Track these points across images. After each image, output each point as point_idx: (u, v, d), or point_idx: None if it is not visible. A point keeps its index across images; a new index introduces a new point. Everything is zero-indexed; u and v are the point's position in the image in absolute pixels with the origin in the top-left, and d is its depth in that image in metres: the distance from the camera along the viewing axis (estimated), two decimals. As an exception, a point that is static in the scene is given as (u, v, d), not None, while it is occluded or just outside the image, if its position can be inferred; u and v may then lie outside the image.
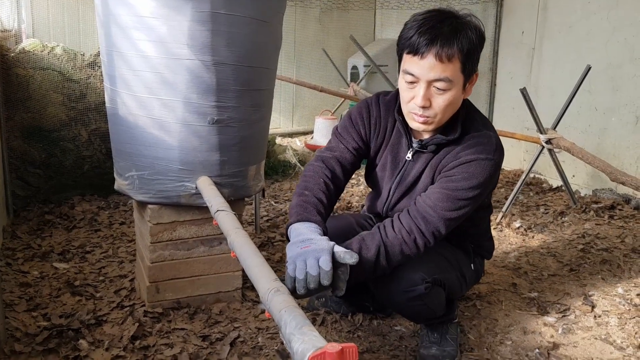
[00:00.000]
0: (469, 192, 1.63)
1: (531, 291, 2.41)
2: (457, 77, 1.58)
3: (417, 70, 1.56)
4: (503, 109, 4.96)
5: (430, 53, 1.53)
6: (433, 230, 1.62)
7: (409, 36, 1.57)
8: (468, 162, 1.64)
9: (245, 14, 1.91)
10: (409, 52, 1.57)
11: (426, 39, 1.53)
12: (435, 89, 1.58)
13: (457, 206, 1.63)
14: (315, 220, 1.57)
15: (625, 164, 3.75)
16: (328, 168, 1.76)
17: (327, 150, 1.83)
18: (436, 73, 1.55)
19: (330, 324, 2.08)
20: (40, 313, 2.08)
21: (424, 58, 1.54)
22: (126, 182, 2.08)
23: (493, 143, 1.68)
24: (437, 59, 1.53)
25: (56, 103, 3.38)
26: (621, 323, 2.15)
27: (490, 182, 1.70)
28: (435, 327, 1.90)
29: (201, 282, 2.18)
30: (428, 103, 1.59)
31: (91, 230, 3.00)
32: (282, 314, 1.10)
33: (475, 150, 1.65)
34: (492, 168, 1.66)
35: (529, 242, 3.05)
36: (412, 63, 1.57)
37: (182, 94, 1.91)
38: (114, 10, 1.90)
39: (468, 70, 1.60)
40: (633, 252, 2.87)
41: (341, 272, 1.41)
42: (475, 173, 1.63)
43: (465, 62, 1.57)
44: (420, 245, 1.62)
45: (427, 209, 1.63)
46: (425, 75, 1.56)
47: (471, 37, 1.57)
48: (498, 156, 1.68)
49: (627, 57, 3.74)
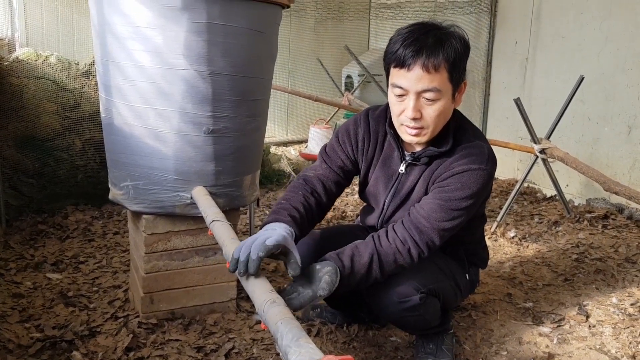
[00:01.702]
0: (462, 202, 1.64)
1: (526, 301, 2.42)
2: (446, 86, 1.59)
3: (405, 83, 1.58)
4: (497, 119, 4.98)
5: (417, 64, 1.55)
6: (427, 241, 1.62)
7: (394, 50, 1.59)
8: (461, 173, 1.65)
9: (241, 24, 1.91)
10: (396, 66, 1.59)
11: (412, 51, 1.55)
12: (425, 99, 1.59)
13: (450, 216, 1.64)
14: (284, 220, 1.57)
15: (619, 173, 3.77)
16: (308, 185, 1.77)
17: (310, 170, 1.85)
18: (424, 84, 1.56)
19: (325, 334, 2.07)
20: (33, 324, 2.06)
21: (410, 70, 1.56)
22: (121, 192, 2.07)
23: (485, 153, 1.69)
24: (424, 70, 1.55)
25: (50, 112, 3.36)
26: (615, 333, 2.15)
27: (483, 192, 1.71)
28: (430, 337, 1.90)
29: (196, 293, 2.16)
30: (419, 114, 1.60)
31: (85, 240, 2.98)
32: (278, 325, 1.10)
33: (468, 161, 1.66)
34: (484, 178, 1.66)
35: (524, 251, 3.06)
36: (400, 76, 1.59)
37: (177, 104, 1.91)
38: (110, 20, 1.90)
39: (456, 79, 1.61)
40: (627, 262, 2.88)
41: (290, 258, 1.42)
42: (468, 183, 1.64)
43: (452, 71, 1.59)
44: (414, 255, 1.62)
45: (420, 220, 1.63)
46: (413, 87, 1.57)
47: (456, 46, 1.58)
48: (490, 166, 1.69)
49: (620, 67, 3.77)
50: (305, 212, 1.68)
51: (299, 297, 1.41)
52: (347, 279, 1.52)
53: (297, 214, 1.64)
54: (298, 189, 1.75)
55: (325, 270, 1.46)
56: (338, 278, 1.48)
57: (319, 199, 1.77)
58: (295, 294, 1.42)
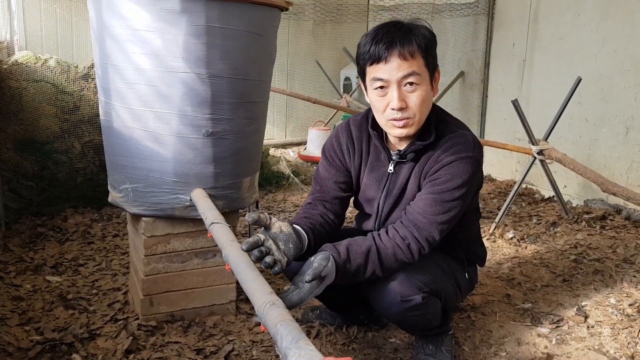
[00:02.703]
0: (456, 192, 1.66)
1: (525, 302, 2.42)
2: (423, 71, 1.63)
3: (385, 74, 1.61)
4: (495, 120, 4.99)
5: (393, 55, 1.59)
6: (427, 237, 1.64)
7: (366, 50, 1.63)
8: (450, 164, 1.67)
9: (240, 27, 1.92)
10: (372, 63, 1.63)
11: (385, 44, 1.60)
12: (407, 86, 1.62)
13: (446, 209, 1.66)
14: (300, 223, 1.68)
15: (616, 174, 3.78)
16: (315, 207, 1.82)
17: (309, 197, 1.88)
18: (403, 70, 1.60)
19: (324, 336, 2.07)
20: (32, 327, 2.06)
21: (388, 62, 1.60)
22: (120, 194, 2.08)
23: (470, 141, 1.71)
24: (401, 58, 1.59)
25: (49, 115, 3.37)
26: (614, 333, 2.16)
27: (474, 180, 1.73)
28: (430, 338, 1.90)
29: (195, 295, 2.17)
30: (404, 104, 1.63)
31: (84, 242, 2.99)
32: (278, 327, 1.10)
33: (455, 151, 1.68)
34: (474, 165, 1.69)
35: (522, 252, 3.07)
36: (378, 70, 1.62)
37: (176, 107, 1.91)
38: (109, 23, 1.90)
39: (431, 64, 1.66)
40: (625, 262, 2.88)
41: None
42: (458, 172, 1.66)
43: (427, 57, 1.63)
44: (414, 250, 1.63)
45: (417, 217, 1.65)
46: (394, 76, 1.60)
47: (425, 34, 1.64)
48: (478, 153, 1.71)
49: (617, 68, 3.78)
50: (319, 226, 1.74)
51: (298, 292, 1.43)
52: (344, 268, 1.53)
53: (311, 224, 1.70)
54: (305, 212, 1.80)
55: (315, 258, 1.48)
56: (331, 265, 1.48)
57: (326, 223, 1.80)
58: (297, 290, 1.43)
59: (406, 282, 1.67)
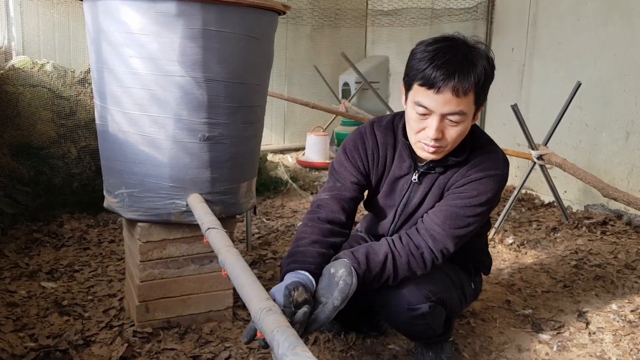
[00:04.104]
0: (477, 209, 1.64)
1: (525, 308, 2.40)
2: (470, 109, 1.56)
3: (432, 104, 1.53)
4: (494, 125, 4.98)
5: (447, 88, 1.49)
6: (441, 248, 1.63)
7: (421, 68, 1.52)
8: (478, 180, 1.64)
9: (237, 30, 1.90)
10: (423, 85, 1.52)
11: (442, 74, 1.49)
12: (449, 121, 1.55)
13: (465, 223, 1.64)
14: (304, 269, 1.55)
15: (617, 179, 3.76)
16: (323, 211, 1.72)
17: (324, 192, 1.79)
18: (451, 107, 1.52)
19: (322, 343, 2.05)
20: (27, 333, 2.03)
21: (440, 93, 1.50)
22: (116, 199, 2.06)
23: (500, 158, 1.70)
24: (454, 94, 1.50)
25: (46, 120, 3.35)
26: (616, 340, 2.13)
27: (497, 197, 1.71)
28: (430, 345, 1.88)
29: (192, 301, 2.14)
30: (441, 135, 1.57)
31: (80, 248, 2.96)
32: (274, 334, 1.08)
33: (485, 167, 1.66)
34: (500, 183, 1.67)
35: (522, 258, 3.04)
36: (426, 96, 1.53)
37: (172, 111, 1.89)
38: (105, 27, 1.89)
39: (481, 100, 1.59)
40: (626, 268, 2.86)
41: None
42: (484, 190, 1.64)
43: (479, 93, 1.55)
44: (428, 260, 1.62)
45: (435, 227, 1.63)
46: (440, 109, 1.53)
47: (485, 68, 1.54)
48: (505, 170, 1.70)
49: (617, 73, 3.77)
50: (328, 248, 1.64)
51: (323, 310, 1.42)
52: (363, 278, 1.51)
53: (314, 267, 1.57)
54: (313, 228, 1.69)
55: (340, 274, 1.45)
56: (354, 278, 1.46)
57: (338, 227, 1.73)
58: (320, 307, 1.42)
59: (414, 290, 1.64)
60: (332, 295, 1.43)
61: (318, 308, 1.42)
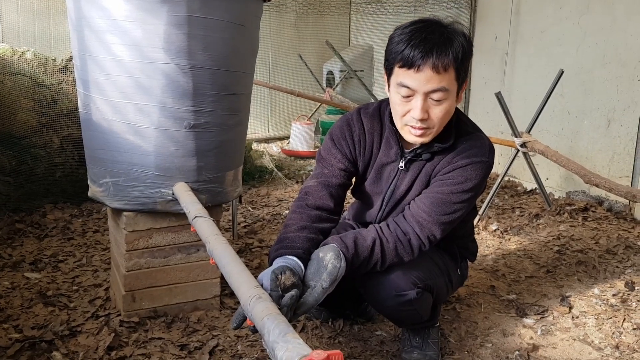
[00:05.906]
0: (464, 195, 1.65)
1: (509, 293, 2.43)
2: (453, 85, 1.56)
3: (414, 83, 1.53)
4: (477, 114, 5.00)
5: (427, 65, 1.50)
6: (428, 235, 1.64)
7: (400, 50, 1.53)
8: (464, 167, 1.65)
9: (222, 17, 1.88)
10: (403, 66, 1.53)
11: (421, 51, 1.50)
12: (432, 100, 1.55)
13: (451, 210, 1.65)
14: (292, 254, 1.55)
15: (598, 166, 3.81)
16: (311, 199, 1.72)
17: (312, 179, 1.79)
18: (433, 84, 1.52)
19: (310, 330, 2.06)
20: (11, 325, 2.01)
21: (420, 71, 1.51)
22: (100, 188, 2.04)
23: (486, 145, 1.70)
24: (434, 71, 1.51)
25: (26, 109, 3.30)
26: (598, 323, 2.17)
27: (483, 183, 1.72)
28: (417, 331, 1.89)
29: (179, 290, 2.14)
30: (426, 115, 1.57)
31: (64, 238, 2.93)
32: (264, 321, 1.08)
33: (471, 154, 1.66)
34: (486, 169, 1.68)
35: (506, 244, 3.08)
36: (407, 76, 1.53)
37: (157, 99, 1.87)
38: (87, 14, 1.86)
39: (462, 77, 1.59)
40: (607, 253, 2.91)
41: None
42: (470, 176, 1.65)
43: (459, 70, 1.56)
44: (415, 247, 1.63)
45: (421, 214, 1.64)
46: (422, 88, 1.53)
47: (463, 44, 1.55)
48: (491, 157, 1.70)
49: (599, 61, 3.81)
50: (311, 246, 1.62)
51: (312, 293, 1.42)
52: (351, 262, 1.52)
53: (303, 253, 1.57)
54: (302, 214, 1.68)
55: (328, 258, 1.46)
56: (342, 262, 1.47)
57: (326, 213, 1.72)
58: (309, 290, 1.42)
59: (402, 276, 1.66)
60: (321, 278, 1.43)
61: (307, 292, 1.42)
